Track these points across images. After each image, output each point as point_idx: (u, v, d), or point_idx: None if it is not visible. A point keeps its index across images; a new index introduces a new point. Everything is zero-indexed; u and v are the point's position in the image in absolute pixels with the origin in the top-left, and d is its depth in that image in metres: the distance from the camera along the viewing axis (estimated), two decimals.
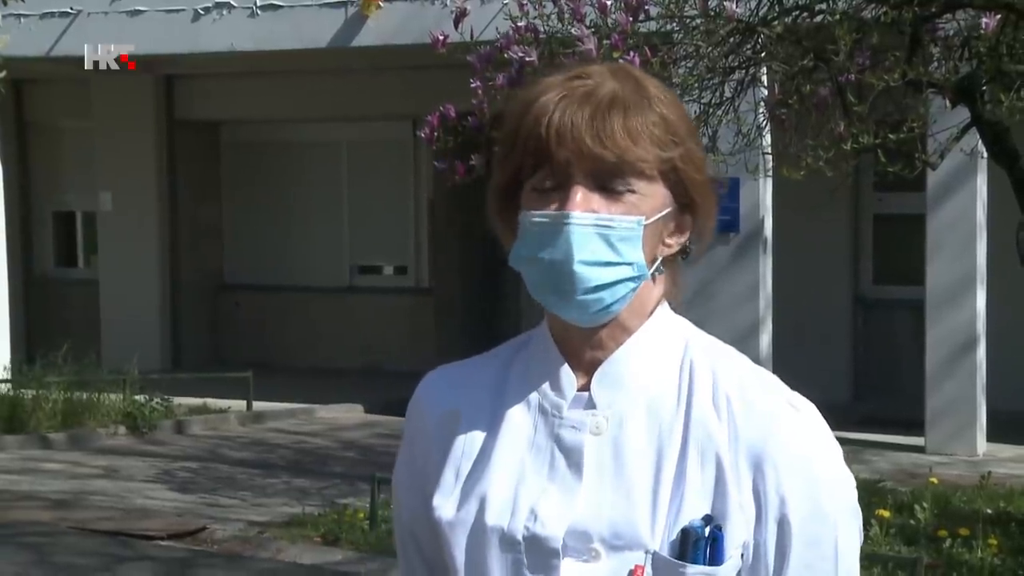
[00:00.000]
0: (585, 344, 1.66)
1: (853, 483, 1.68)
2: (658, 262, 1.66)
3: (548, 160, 1.60)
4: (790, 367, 11.82)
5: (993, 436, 11.16)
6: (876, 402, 12.96)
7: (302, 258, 16.31)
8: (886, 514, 7.78)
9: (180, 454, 11.36)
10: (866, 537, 7.57)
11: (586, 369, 1.67)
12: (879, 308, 13.49)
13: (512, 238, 1.66)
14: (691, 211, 1.67)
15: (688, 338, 1.70)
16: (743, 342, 10.78)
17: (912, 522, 7.97)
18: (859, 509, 1.68)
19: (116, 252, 16.10)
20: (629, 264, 1.61)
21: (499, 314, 14.91)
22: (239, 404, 13.13)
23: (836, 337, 13.42)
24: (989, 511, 8.26)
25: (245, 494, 9.77)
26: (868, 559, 7.01)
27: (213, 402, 13.18)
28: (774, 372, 1.73)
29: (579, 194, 1.59)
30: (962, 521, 7.83)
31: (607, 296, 1.61)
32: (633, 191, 1.61)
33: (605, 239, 1.60)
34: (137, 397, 12.43)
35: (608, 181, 1.60)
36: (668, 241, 1.66)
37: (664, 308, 1.70)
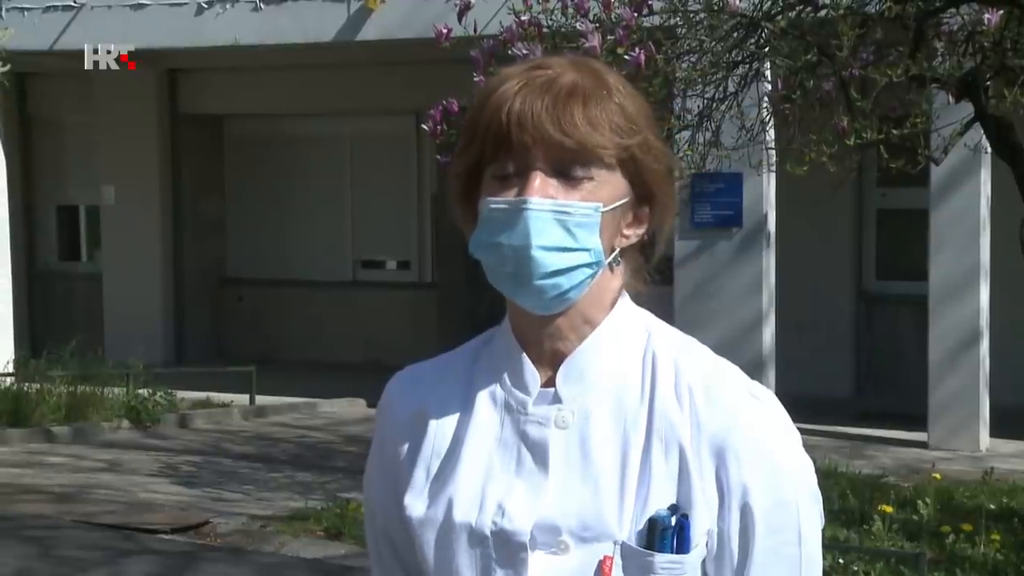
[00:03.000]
0: (545, 335, 1.68)
1: (812, 469, 1.70)
2: (615, 252, 1.67)
3: (508, 147, 1.61)
4: (793, 362, 11.80)
5: (996, 431, 11.15)
6: (879, 397, 12.96)
7: (305, 252, 16.31)
8: (889, 509, 7.78)
9: (183, 448, 11.37)
10: (869, 532, 7.61)
11: (549, 362, 1.69)
12: (882, 303, 13.48)
13: (472, 225, 1.67)
14: (649, 203, 1.69)
15: (650, 329, 1.72)
16: (746, 336, 10.79)
17: (915, 517, 7.97)
18: (819, 494, 1.70)
19: (119, 246, 16.11)
20: (586, 250, 1.63)
21: (501, 308, 14.88)
22: (242, 398, 13.14)
23: (839, 332, 13.41)
24: (992, 507, 8.24)
25: (248, 488, 9.78)
26: (871, 554, 7.02)
27: (216, 396, 13.19)
28: (777, 366, 1.74)
29: (537, 180, 1.61)
30: (965, 517, 7.82)
31: (564, 281, 1.63)
32: (591, 178, 1.62)
33: (563, 225, 1.61)
34: (140, 391, 12.44)
35: (567, 168, 1.62)
36: (626, 232, 1.68)
37: (625, 300, 1.72)
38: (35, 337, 15.82)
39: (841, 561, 6.87)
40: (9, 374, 13.02)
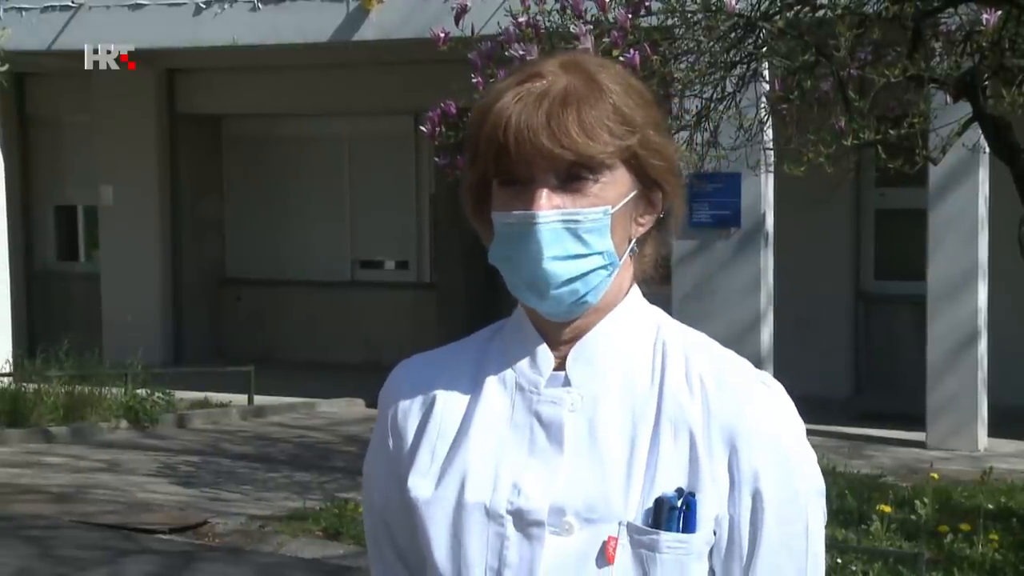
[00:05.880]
0: (561, 328, 1.71)
1: (816, 462, 1.72)
2: (632, 242, 1.70)
3: (510, 160, 1.64)
4: (791, 362, 11.82)
5: (994, 431, 11.16)
6: (877, 397, 12.96)
7: (304, 252, 16.31)
8: (887, 509, 7.78)
9: (181, 448, 11.37)
10: (867, 532, 7.61)
11: (561, 347, 1.71)
12: (880, 303, 13.48)
13: (490, 235, 1.70)
14: (659, 188, 1.70)
15: (660, 322, 1.75)
16: (744, 336, 10.78)
17: (913, 517, 7.97)
18: (824, 488, 1.71)
19: (118, 246, 16.10)
20: (599, 253, 1.65)
21: (500, 308, 14.89)
22: (240, 398, 13.14)
23: (837, 332, 13.41)
24: (990, 506, 8.26)
25: (246, 488, 9.78)
26: (869, 554, 7.02)
27: (214, 396, 13.19)
28: (775, 366, 1.76)
29: (543, 193, 1.63)
30: (963, 516, 7.83)
31: (581, 287, 1.66)
32: (596, 181, 1.64)
33: (573, 233, 1.64)
34: (139, 391, 12.44)
35: (571, 174, 1.64)
36: (641, 220, 1.71)
37: (636, 291, 1.74)
38: (33, 337, 15.82)
39: (839, 561, 6.87)
40: (7, 374, 13.01)
